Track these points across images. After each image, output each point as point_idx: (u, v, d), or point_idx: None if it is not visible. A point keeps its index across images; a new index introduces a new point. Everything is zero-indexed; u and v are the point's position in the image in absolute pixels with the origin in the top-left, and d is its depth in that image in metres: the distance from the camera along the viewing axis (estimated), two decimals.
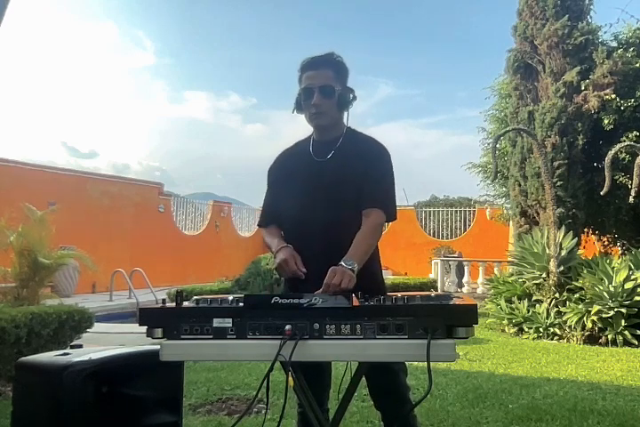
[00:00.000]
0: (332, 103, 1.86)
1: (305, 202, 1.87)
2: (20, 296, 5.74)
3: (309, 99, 1.85)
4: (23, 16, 62.56)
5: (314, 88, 1.84)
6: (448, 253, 13.83)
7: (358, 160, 1.87)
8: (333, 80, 1.86)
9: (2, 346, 3.45)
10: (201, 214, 15.34)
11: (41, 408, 1.71)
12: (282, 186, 1.98)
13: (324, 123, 1.90)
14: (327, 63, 1.88)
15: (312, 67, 1.88)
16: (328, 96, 1.84)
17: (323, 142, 1.94)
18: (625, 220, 8.65)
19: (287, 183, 1.95)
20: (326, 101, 1.85)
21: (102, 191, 11.69)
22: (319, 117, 1.88)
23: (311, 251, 1.81)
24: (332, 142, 1.92)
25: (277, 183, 2.01)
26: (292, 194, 1.91)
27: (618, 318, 5.69)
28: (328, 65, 1.88)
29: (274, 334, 1.33)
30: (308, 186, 1.89)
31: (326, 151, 1.91)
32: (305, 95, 1.86)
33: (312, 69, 1.87)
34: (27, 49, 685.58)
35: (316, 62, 1.88)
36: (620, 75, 7.95)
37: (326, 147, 1.92)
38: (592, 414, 3.12)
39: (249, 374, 4.03)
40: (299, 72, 1.91)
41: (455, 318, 1.30)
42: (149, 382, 1.87)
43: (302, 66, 1.90)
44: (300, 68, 1.91)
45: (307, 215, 1.86)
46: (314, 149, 1.94)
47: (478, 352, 5.20)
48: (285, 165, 2.01)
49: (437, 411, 3.18)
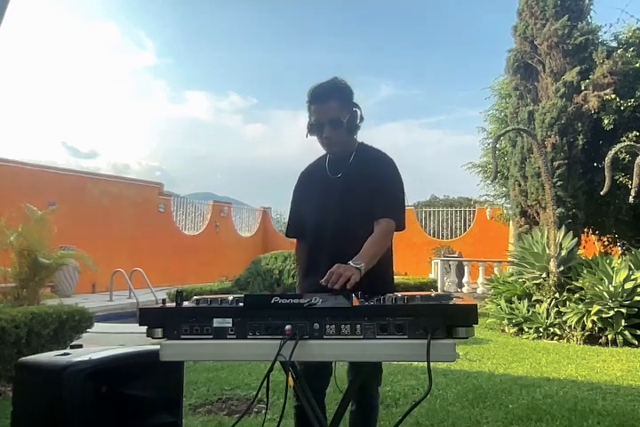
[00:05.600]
0: (342, 132, 1.99)
1: (319, 214, 2.05)
2: (20, 296, 5.74)
3: (320, 131, 1.98)
4: (24, 16, 61.68)
5: (324, 122, 1.96)
6: (448, 253, 13.82)
7: (369, 175, 2.00)
8: (340, 111, 1.96)
9: (2, 346, 3.44)
10: (201, 214, 15.34)
11: (41, 408, 1.71)
12: (302, 201, 2.17)
13: (337, 150, 2.05)
14: (332, 94, 1.96)
15: (318, 100, 1.97)
16: (337, 128, 1.96)
17: (336, 159, 2.08)
18: (625, 220, 8.65)
19: (306, 198, 2.14)
20: (336, 132, 1.97)
21: (102, 191, 11.69)
22: (332, 146, 2.04)
23: (322, 259, 1.95)
24: (345, 159, 2.06)
25: (299, 198, 2.20)
26: (310, 207, 2.10)
27: (618, 318, 5.69)
28: (334, 96, 1.96)
29: (274, 334, 1.33)
30: (323, 200, 2.05)
31: (339, 168, 2.06)
32: (315, 128, 1.99)
33: (319, 103, 1.97)
34: (27, 49, 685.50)
35: (322, 96, 1.97)
36: (620, 75, 7.95)
37: (340, 164, 2.06)
38: (592, 414, 3.12)
39: (249, 374, 4.03)
40: (307, 101, 2.01)
41: (455, 318, 1.30)
42: (149, 382, 1.87)
43: (309, 98, 2.00)
44: (307, 98, 2.00)
45: (320, 227, 2.03)
46: (329, 166, 2.09)
47: (478, 352, 5.20)
48: (305, 181, 2.19)
49: (437, 411, 3.18)
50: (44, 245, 6.14)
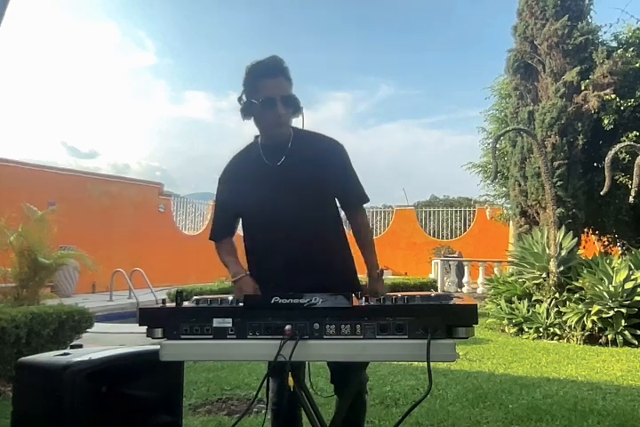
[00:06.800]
0: (291, 112, 1.87)
1: (269, 207, 1.86)
2: (20, 296, 5.75)
3: (271, 109, 1.82)
4: (24, 16, 61.98)
5: (276, 98, 1.81)
6: (448, 253, 13.83)
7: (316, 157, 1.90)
8: (289, 87, 1.86)
9: (2, 346, 3.45)
10: (201, 214, 15.34)
11: (41, 408, 1.71)
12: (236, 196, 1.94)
13: (286, 131, 1.90)
14: (282, 71, 1.85)
15: (269, 75, 1.83)
16: (289, 106, 1.84)
17: (272, 146, 1.92)
18: (625, 220, 8.64)
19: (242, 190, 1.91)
20: (288, 110, 1.85)
21: (102, 191, 11.69)
22: (282, 127, 1.88)
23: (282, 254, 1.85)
24: (283, 144, 1.90)
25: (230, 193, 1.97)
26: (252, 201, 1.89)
27: (618, 318, 5.68)
28: (283, 73, 1.85)
29: (274, 334, 1.33)
30: (267, 192, 1.86)
31: (278, 155, 1.89)
32: (266, 105, 1.82)
33: (270, 78, 1.83)
34: (28, 49, 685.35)
35: (273, 70, 1.83)
36: (620, 75, 7.94)
37: (277, 151, 1.90)
38: (592, 414, 3.11)
39: (249, 374, 4.03)
40: (249, 76, 1.86)
41: (455, 318, 1.30)
42: (149, 382, 1.87)
43: (256, 72, 1.85)
44: (251, 72, 1.85)
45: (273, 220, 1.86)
46: (265, 154, 1.91)
47: (478, 352, 5.20)
48: (236, 173, 1.97)
49: (437, 411, 3.18)
50: (44, 245, 6.15)
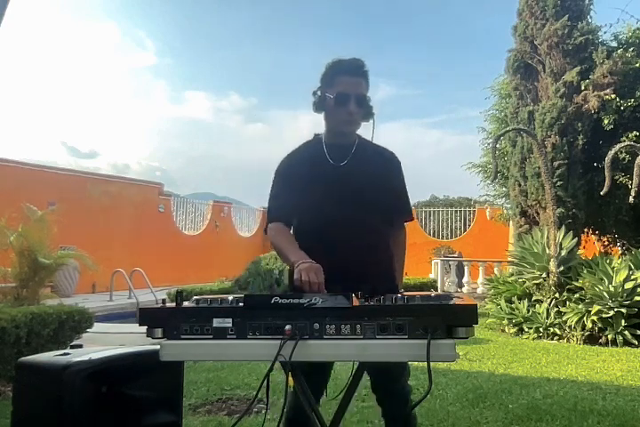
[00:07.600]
0: (362, 113, 1.87)
1: (329, 206, 1.84)
2: (20, 296, 5.75)
3: (344, 105, 1.82)
4: (24, 16, 61.64)
5: (351, 95, 1.82)
6: (448, 253, 13.82)
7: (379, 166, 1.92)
8: (366, 90, 1.87)
9: (2, 346, 3.45)
10: (201, 214, 15.34)
11: (41, 408, 1.71)
12: (296, 188, 1.91)
13: (354, 130, 1.92)
14: (363, 72, 1.86)
15: (350, 73, 1.84)
16: (361, 106, 1.85)
17: (337, 146, 1.92)
18: (625, 220, 8.64)
19: (303, 185, 1.89)
20: (360, 111, 1.85)
21: (102, 191, 11.69)
22: (351, 125, 1.89)
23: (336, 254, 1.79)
24: (348, 147, 1.91)
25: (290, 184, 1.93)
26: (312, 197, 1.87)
27: (618, 318, 5.69)
28: (363, 74, 1.86)
29: (274, 334, 1.33)
30: (328, 190, 1.86)
31: (342, 155, 1.90)
32: (339, 100, 1.83)
33: (349, 75, 1.84)
34: (28, 49, 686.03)
35: (355, 69, 1.85)
36: (620, 75, 7.95)
37: (341, 151, 1.90)
38: (592, 414, 3.12)
39: (249, 374, 4.03)
40: (329, 71, 1.87)
41: (455, 318, 1.30)
42: (149, 382, 1.87)
43: (338, 68, 1.86)
44: (332, 68, 1.87)
45: (331, 219, 1.84)
46: (329, 153, 1.91)
47: (478, 352, 5.20)
48: (298, 167, 1.94)
49: (437, 411, 3.18)
50: (44, 245, 6.15)
